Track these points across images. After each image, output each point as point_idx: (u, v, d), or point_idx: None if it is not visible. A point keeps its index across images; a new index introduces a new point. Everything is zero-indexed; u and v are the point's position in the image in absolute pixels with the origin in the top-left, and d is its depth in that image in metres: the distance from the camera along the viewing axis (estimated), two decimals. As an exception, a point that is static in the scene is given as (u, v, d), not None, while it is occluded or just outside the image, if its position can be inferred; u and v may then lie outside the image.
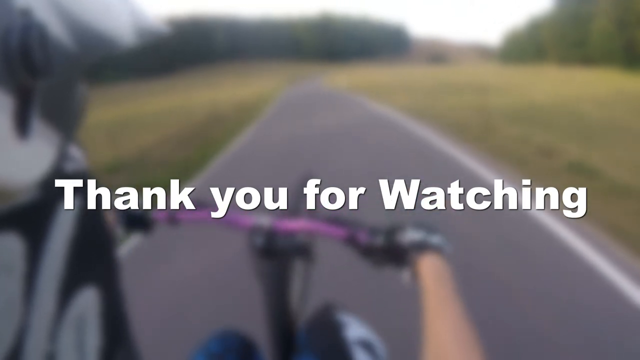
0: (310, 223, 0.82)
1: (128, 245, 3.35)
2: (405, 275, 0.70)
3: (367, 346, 0.84)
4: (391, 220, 0.78)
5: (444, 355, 0.49)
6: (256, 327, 1.09)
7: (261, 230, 0.83)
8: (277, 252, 0.83)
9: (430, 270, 0.64)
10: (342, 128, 9.72)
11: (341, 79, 34.93)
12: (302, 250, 0.82)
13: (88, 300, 0.38)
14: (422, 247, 0.69)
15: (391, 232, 0.74)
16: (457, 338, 0.51)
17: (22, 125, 0.26)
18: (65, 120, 0.32)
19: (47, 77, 0.27)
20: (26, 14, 0.26)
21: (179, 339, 2.16)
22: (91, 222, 0.39)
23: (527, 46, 65.79)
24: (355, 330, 0.87)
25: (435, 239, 0.70)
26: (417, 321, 0.58)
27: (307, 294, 1.08)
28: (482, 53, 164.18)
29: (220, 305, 2.53)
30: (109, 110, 17.54)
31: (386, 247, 0.73)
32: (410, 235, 0.71)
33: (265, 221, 0.84)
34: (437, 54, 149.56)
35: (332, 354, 0.82)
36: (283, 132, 9.84)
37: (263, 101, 20.55)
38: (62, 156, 0.32)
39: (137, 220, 0.92)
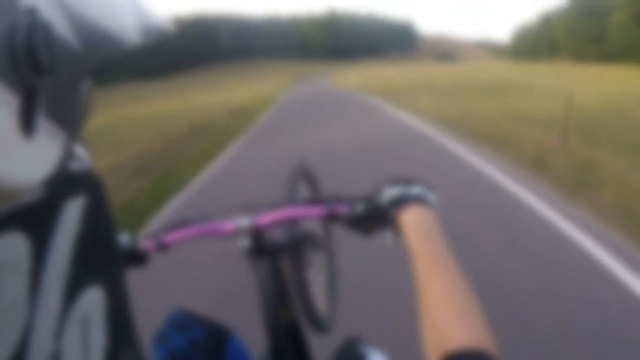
0: (289, 210, 0.79)
1: None
2: (387, 235, 0.67)
3: None
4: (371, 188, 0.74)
5: (441, 323, 0.45)
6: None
7: (244, 232, 0.81)
8: (269, 249, 0.81)
9: (413, 223, 0.60)
10: (358, 151, 6.80)
11: (350, 78, 32.97)
12: (307, 241, 0.80)
13: (93, 299, 0.38)
14: (400, 202, 0.65)
15: (370, 197, 0.72)
16: (453, 301, 0.47)
17: (27, 124, 0.26)
18: (70, 119, 0.32)
19: (53, 75, 0.27)
20: (31, 12, 0.26)
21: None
22: (96, 221, 0.39)
23: (539, 42, 63.95)
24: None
25: (414, 190, 0.66)
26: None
27: (335, 287, 1.04)
28: (489, 50, 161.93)
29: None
30: (97, 117, 15.98)
31: (368, 213, 0.71)
32: (388, 193, 0.68)
33: (244, 221, 0.81)
34: (445, 51, 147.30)
35: None
36: (276, 155, 7.09)
37: (263, 103, 18.49)
38: (67, 155, 0.32)
39: (130, 256, 0.85)
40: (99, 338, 0.38)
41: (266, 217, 0.80)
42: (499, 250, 3.13)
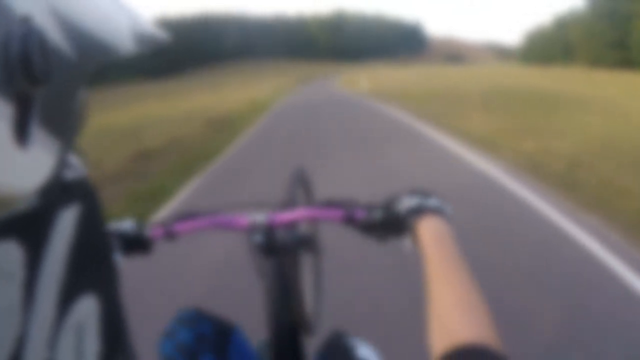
0: (307, 210, 0.80)
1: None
2: (405, 242, 0.68)
3: None
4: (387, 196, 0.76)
5: (448, 319, 0.47)
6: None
7: (259, 227, 0.81)
8: (278, 247, 0.81)
9: (430, 232, 0.62)
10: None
11: (359, 80, 30.28)
12: (305, 243, 0.81)
13: (87, 307, 0.38)
14: (419, 211, 0.67)
15: (388, 204, 0.73)
16: (460, 300, 0.48)
17: (21, 133, 0.26)
18: (64, 128, 0.32)
19: (47, 84, 0.28)
20: (26, 21, 0.26)
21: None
22: (90, 229, 0.39)
23: (553, 46, 61.20)
24: (365, 351, 0.85)
25: (432, 201, 0.68)
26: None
27: (321, 289, 1.06)
28: (497, 52, 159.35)
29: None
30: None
31: (385, 219, 0.73)
32: (407, 202, 0.70)
33: (261, 217, 0.82)
34: (453, 53, 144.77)
35: None
36: (236, 251, 2.95)
37: (256, 111, 15.93)
38: (62, 164, 0.32)
39: (134, 242, 0.85)
40: (93, 345, 0.38)
41: (283, 216, 0.81)
42: None
